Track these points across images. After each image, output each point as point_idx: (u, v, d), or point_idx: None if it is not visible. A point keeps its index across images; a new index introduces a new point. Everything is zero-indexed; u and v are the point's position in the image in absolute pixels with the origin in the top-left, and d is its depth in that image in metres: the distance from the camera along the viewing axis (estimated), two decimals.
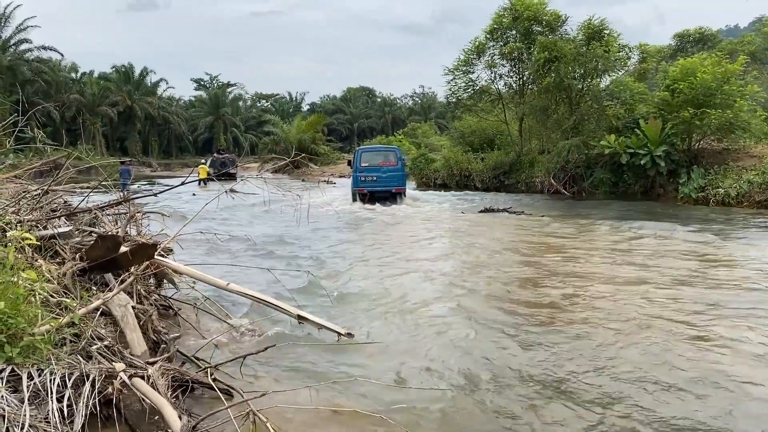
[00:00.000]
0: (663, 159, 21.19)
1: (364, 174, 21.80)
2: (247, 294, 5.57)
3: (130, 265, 5.36)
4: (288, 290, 7.32)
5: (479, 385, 5.07)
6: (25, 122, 7.08)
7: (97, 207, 6.74)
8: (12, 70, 54.16)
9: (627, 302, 7.55)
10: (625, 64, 26.35)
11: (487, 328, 6.57)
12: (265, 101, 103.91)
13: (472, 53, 30.16)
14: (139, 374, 3.97)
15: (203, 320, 6.47)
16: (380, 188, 21.74)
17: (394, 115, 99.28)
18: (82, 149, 40.66)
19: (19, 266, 4.05)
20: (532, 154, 28.30)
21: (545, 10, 28.22)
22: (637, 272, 9.42)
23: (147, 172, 57.03)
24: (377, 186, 21.71)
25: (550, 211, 19.06)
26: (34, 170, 9.01)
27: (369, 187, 21.69)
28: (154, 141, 78.48)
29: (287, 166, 42.41)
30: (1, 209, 5.56)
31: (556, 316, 7.05)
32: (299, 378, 5.11)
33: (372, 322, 6.88)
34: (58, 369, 3.49)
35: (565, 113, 26.08)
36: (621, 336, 6.19)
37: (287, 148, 50.24)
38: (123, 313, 4.86)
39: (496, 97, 31.44)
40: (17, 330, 3.53)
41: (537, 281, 9.02)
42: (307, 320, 5.30)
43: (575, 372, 5.25)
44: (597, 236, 13.65)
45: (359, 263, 10.73)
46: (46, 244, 5.27)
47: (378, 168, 21.84)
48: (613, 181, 23.17)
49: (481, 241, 13.35)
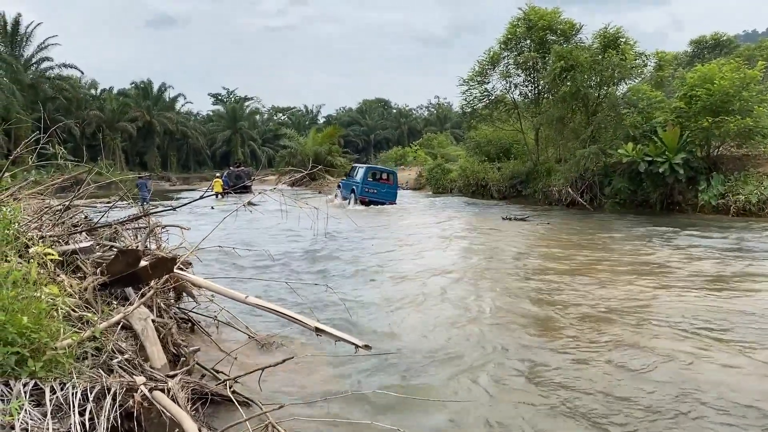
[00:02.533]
0: (682, 166, 20.94)
1: (368, 187, 27.69)
2: (265, 307, 5.59)
3: (150, 279, 5.41)
4: (305, 302, 7.35)
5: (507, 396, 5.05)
6: (47, 139, 7.20)
7: (117, 222, 6.82)
8: (34, 87, 55.11)
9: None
10: (641, 72, 26.16)
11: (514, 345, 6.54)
12: (281, 114, 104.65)
13: (487, 63, 30.15)
14: (160, 387, 4.00)
15: (222, 333, 6.51)
16: (378, 199, 27.65)
17: (409, 126, 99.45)
18: (102, 165, 41.10)
19: (41, 281, 4.11)
20: (548, 163, 28.16)
21: (559, 19, 28.18)
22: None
23: (166, 186, 57.58)
24: (376, 197, 27.66)
25: (571, 222, 18.93)
26: (56, 186, 9.14)
27: (369, 197, 27.48)
28: (172, 155, 79.31)
29: (304, 178, 42.61)
30: (24, 225, 5.65)
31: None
32: (317, 390, 5.12)
33: (390, 334, 6.88)
34: (80, 383, 3.53)
35: (581, 122, 25.95)
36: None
37: (304, 161, 50.47)
38: (143, 327, 4.90)
39: (511, 107, 31.37)
40: (40, 344, 3.58)
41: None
42: (324, 332, 5.30)
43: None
44: (626, 253, 12.71)
45: (377, 275, 10.73)
46: (67, 259, 5.34)
47: (379, 184, 28.02)
48: (631, 189, 22.90)
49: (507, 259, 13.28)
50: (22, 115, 44.15)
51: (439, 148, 53.12)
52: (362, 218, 20.28)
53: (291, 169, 49.03)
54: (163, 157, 77.51)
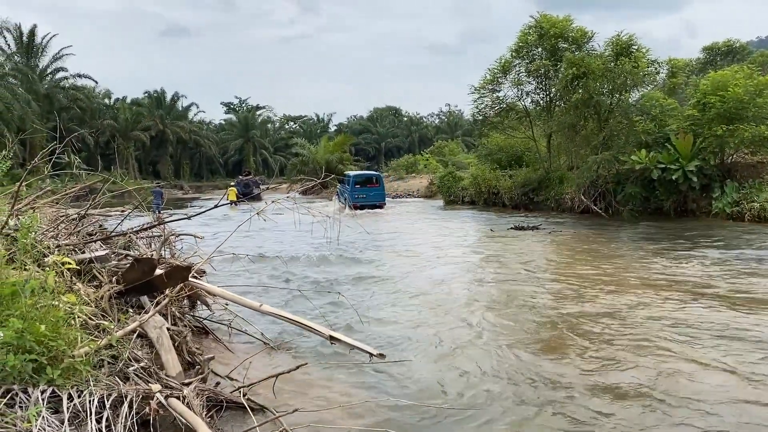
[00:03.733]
0: (695, 173, 20.79)
1: (357, 193, 30.26)
2: (279, 315, 5.62)
3: (166, 288, 5.46)
4: (317, 310, 7.37)
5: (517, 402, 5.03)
6: (62, 149, 7.28)
7: (133, 230, 6.88)
8: (49, 97, 55.72)
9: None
10: (654, 79, 26.04)
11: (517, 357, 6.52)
12: (293, 123, 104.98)
13: (498, 71, 30.13)
14: (175, 395, 4.03)
15: (236, 340, 6.54)
16: (368, 203, 29.78)
17: (420, 134, 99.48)
18: (116, 173, 41.53)
19: (59, 290, 4.16)
20: (561, 171, 28.02)
21: (571, 27, 28.13)
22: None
23: (179, 194, 57.94)
24: (366, 201, 29.80)
25: (584, 231, 18.82)
26: (71, 195, 9.24)
27: (361, 202, 29.40)
28: (185, 164, 79.82)
29: (315, 186, 42.73)
30: (41, 234, 5.71)
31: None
32: (331, 398, 5.13)
33: (404, 342, 6.88)
34: (97, 390, 3.57)
35: (594, 129, 25.83)
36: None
37: (315, 169, 50.60)
38: (158, 335, 4.94)
39: (523, 114, 31.31)
40: (58, 352, 3.62)
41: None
42: (339, 341, 5.33)
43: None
44: (649, 265, 12.13)
45: (389, 285, 10.74)
46: (84, 268, 5.40)
47: (366, 189, 30.34)
48: (644, 196, 22.75)
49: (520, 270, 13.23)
50: (37, 125, 44.64)
51: (450, 156, 53.00)
52: (372, 226, 20.32)
53: (303, 178, 49.23)
54: (176, 166, 78.02)
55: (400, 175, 55.32)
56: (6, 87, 46.89)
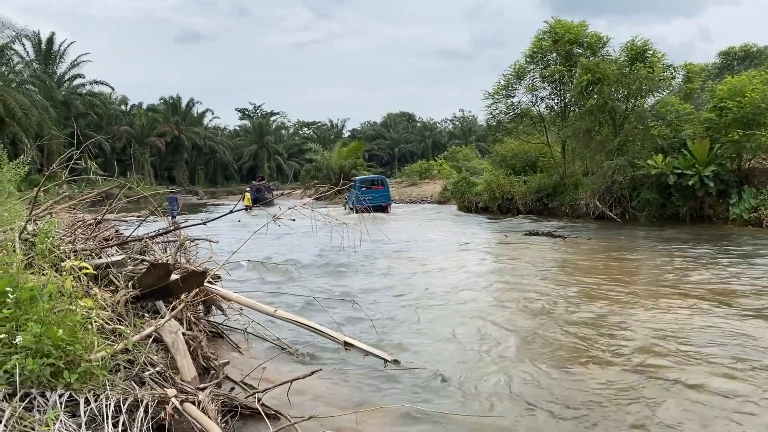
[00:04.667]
0: (712, 179, 20.59)
1: (363, 195, 32.02)
2: (294, 320, 5.62)
3: (181, 293, 5.48)
4: (332, 317, 7.36)
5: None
6: (80, 154, 7.35)
7: (149, 235, 6.92)
8: (66, 104, 56.39)
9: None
10: (669, 85, 25.87)
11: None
12: (307, 129, 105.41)
13: (512, 77, 30.09)
14: (190, 400, 4.03)
15: (250, 346, 6.55)
16: (374, 204, 30.20)
17: (434, 140, 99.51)
18: (131, 179, 41.87)
19: (76, 294, 4.18)
20: (576, 176, 27.89)
21: (586, 32, 28.04)
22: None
23: (193, 200, 58.30)
24: (372, 202, 29.96)
25: (600, 237, 18.67)
26: (87, 200, 9.32)
27: (367, 204, 29.77)
28: (200, 170, 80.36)
29: (329, 191, 42.87)
30: (58, 239, 5.76)
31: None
32: (345, 403, 5.12)
33: (419, 349, 6.85)
34: (114, 394, 3.59)
35: (609, 134, 25.67)
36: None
37: (329, 175, 50.79)
38: (174, 340, 4.96)
39: (537, 120, 31.21)
40: (75, 356, 3.64)
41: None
42: (353, 346, 5.32)
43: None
44: (669, 273, 11.77)
45: (404, 292, 10.72)
46: (100, 273, 5.43)
47: (372, 191, 32.32)
48: (660, 202, 22.56)
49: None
50: (54, 131, 45.13)
51: (464, 161, 52.93)
52: (386, 233, 20.32)
53: (316, 183, 49.44)
54: (191, 172, 78.58)
55: (413, 180, 55.37)
56: (24, 94, 47.49)
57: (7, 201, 4.96)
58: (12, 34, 48.30)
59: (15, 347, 3.39)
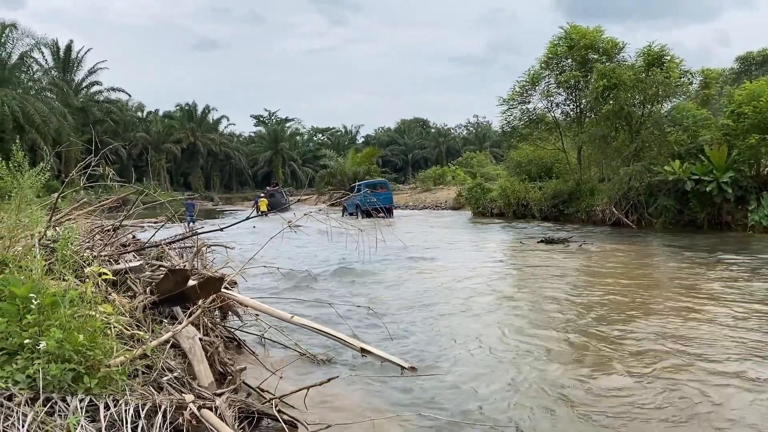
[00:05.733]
0: (730, 185, 20.36)
1: (368, 198, 32.53)
2: (310, 327, 5.63)
3: (198, 298, 5.50)
4: (348, 323, 7.37)
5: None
6: (97, 161, 7.43)
7: (166, 241, 6.97)
8: (84, 111, 57.09)
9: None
10: (687, 90, 25.68)
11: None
12: (321, 135, 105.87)
13: (527, 83, 30.04)
14: (208, 405, 4.05)
15: (267, 352, 6.57)
16: (378, 206, 33.34)
17: (448, 145, 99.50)
18: (148, 185, 42.26)
19: (96, 300, 4.22)
20: (591, 183, 27.74)
21: (602, 38, 27.94)
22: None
23: (209, 205, 58.66)
24: (376, 205, 32.41)
25: (617, 244, 18.52)
26: (106, 206, 9.41)
27: (372, 206, 32.34)
28: (215, 176, 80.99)
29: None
30: (77, 245, 5.81)
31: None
32: (362, 411, 5.11)
33: (436, 357, 6.83)
34: (132, 399, 3.60)
35: (625, 140, 25.52)
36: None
37: (343, 181, 50.97)
38: (191, 345, 4.98)
39: (553, 126, 31.12)
40: (95, 361, 3.67)
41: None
42: (370, 353, 5.32)
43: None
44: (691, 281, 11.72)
45: (420, 299, 10.70)
46: (119, 279, 5.48)
47: (376, 194, 33.41)
48: (677, 208, 22.34)
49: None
50: (72, 138, 45.70)
51: (479, 167, 52.93)
52: (403, 238, 20.31)
53: (331, 189, 49.61)
54: (207, 178, 79.21)
55: (427, 186, 55.41)
56: (43, 101, 48.15)
57: (27, 207, 5.01)
58: (31, 42, 49.08)
59: (38, 352, 3.42)
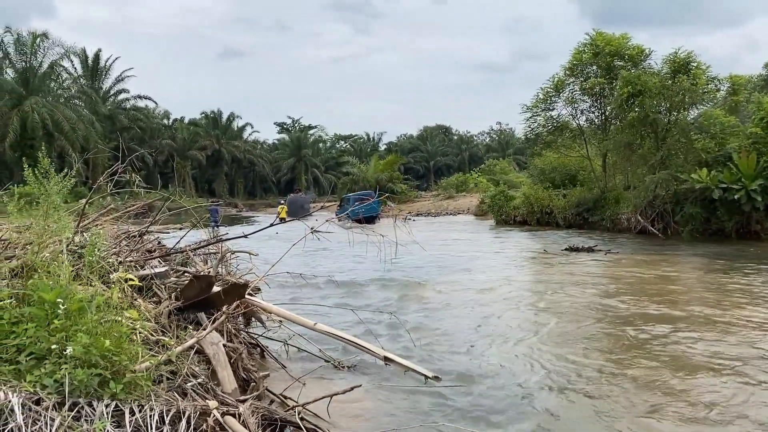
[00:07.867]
0: (759, 194, 19.96)
1: (356, 209, 34.73)
2: (334, 334, 5.63)
3: (222, 305, 5.52)
4: (372, 331, 7.35)
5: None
6: (124, 168, 7.51)
7: (191, 247, 7.02)
8: (111, 118, 58.03)
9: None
10: (714, 97, 25.27)
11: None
12: (344, 142, 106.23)
13: (551, 90, 29.84)
14: (231, 412, 4.05)
15: (290, 358, 6.57)
16: (366, 215, 36.18)
17: (471, 153, 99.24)
18: (174, 192, 42.69)
19: (122, 306, 4.25)
20: (617, 190, 27.41)
21: (627, 44, 27.67)
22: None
23: (233, 212, 59.13)
24: (364, 214, 35.69)
25: (643, 253, 18.26)
26: (132, 213, 9.52)
27: (360, 215, 35.10)
28: (239, 182, 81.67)
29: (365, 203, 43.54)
30: (104, 251, 5.87)
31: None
32: (385, 420, 5.08)
33: (460, 367, 6.78)
34: (157, 405, 3.62)
35: (651, 148, 25.19)
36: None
37: (365, 188, 51.10)
38: (215, 351, 5.00)
39: (577, 133, 30.83)
40: (120, 367, 3.69)
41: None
42: (393, 362, 5.29)
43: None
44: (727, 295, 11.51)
45: (444, 308, 10.64)
46: (144, 284, 5.52)
47: (364, 205, 34.08)
48: (704, 217, 21.93)
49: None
50: (100, 145, 46.44)
51: (501, 175, 52.66)
52: (425, 245, 20.24)
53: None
54: (231, 184, 79.90)
55: (450, 193, 55.29)
56: (72, 108, 49.03)
57: (55, 213, 5.07)
58: (61, 51, 50.01)
59: (65, 357, 3.45)
